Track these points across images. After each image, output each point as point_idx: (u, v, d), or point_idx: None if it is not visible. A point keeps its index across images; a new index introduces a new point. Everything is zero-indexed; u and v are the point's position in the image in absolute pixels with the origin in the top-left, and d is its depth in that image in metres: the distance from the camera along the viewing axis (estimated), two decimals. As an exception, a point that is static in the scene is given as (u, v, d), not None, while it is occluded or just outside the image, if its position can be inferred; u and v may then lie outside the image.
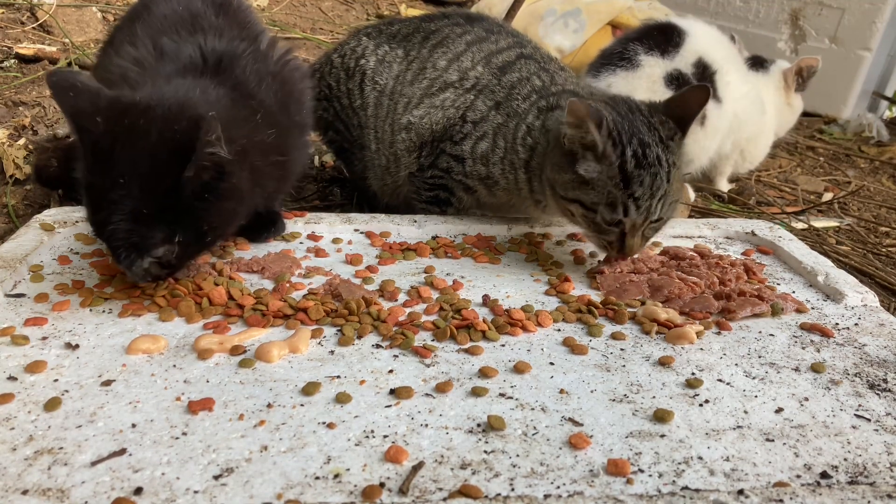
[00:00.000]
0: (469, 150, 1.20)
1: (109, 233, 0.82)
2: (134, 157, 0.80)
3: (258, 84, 0.97)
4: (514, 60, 1.23)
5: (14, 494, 0.58)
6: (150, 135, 0.81)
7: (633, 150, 0.98)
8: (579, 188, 1.01)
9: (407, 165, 1.29)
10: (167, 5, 1.04)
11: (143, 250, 0.83)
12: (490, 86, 1.21)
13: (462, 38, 1.27)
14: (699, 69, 1.69)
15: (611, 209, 1.00)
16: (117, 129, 0.81)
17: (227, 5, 1.08)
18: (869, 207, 1.91)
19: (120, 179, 0.80)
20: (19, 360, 0.76)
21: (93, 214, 0.83)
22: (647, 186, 0.98)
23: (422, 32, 1.31)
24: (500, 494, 0.61)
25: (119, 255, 0.84)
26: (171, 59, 0.95)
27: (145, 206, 0.81)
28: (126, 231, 0.81)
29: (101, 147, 0.80)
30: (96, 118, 0.80)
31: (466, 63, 1.24)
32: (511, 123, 1.17)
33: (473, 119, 1.20)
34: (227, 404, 0.72)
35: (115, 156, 0.80)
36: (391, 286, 0.99)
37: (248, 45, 1.01)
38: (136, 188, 0.80)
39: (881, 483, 0.66)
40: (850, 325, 0.98)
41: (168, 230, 0.83)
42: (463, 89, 1.23)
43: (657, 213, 1.01)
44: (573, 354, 0.86)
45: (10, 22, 1.99)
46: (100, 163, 0.81)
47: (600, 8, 2.53)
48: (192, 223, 0.85)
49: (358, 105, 1.33)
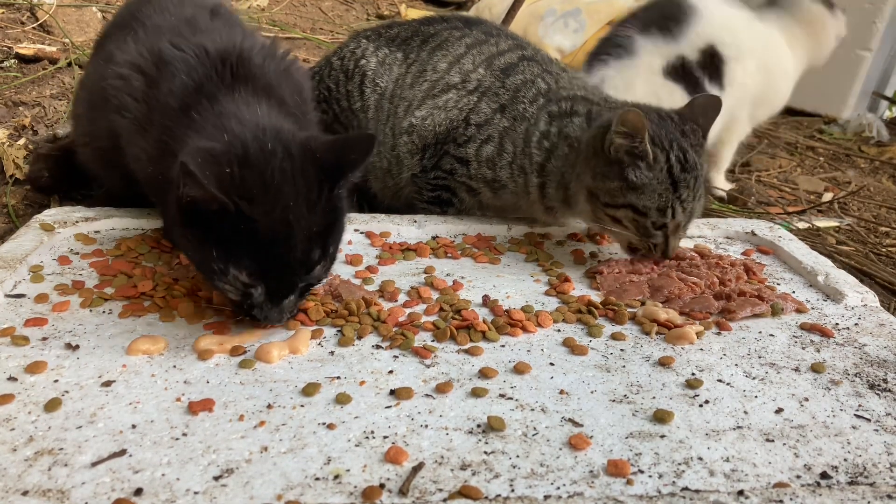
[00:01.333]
0: (474, 153, 1.20)
1: (294, 258, 0.78)
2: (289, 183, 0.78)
3: (279, 85, 0.97)
4: (516, 62, 1.23)
5: (14, 495, 0.58)
6: (292, 159, 0.79)
7: (675, 155, 1.02)
8: (630, 193, 1.04)
9: (409, 167, 1.29)
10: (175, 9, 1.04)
11: (309, 268, 0.81)
12: (493, 88, 1.21)
13: (461, 41, 1.28)
14: (706, 56, 1.59)
15: (661, 213, 1.03)
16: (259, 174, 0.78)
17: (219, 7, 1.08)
18: (869, 207, 1.91)
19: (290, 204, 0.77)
20: (19, 361, 0.76)
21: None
22: (692, 189, 1.03)
23: (421, 36, 1.32)
24: (500, 495, 0.61)
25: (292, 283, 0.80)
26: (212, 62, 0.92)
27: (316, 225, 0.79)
28: (303, 252, 0.79)
29: (251, 191, 0.76)
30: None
31: (468, 65, 1.25)
32: (519, 127, 1.17)
33: (477, 122, 1.20)
34: (228, 405, 0.72)
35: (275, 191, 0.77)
36: (391, 287, 0.99)
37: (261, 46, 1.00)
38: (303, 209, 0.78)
39: (881, 483, 0.66)
40: (850, 325, 0.98)
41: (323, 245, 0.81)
42: (465, 91, 1.23)
43: (697, 213, 1.07)
44: (573, 355, 0.86)
45: (10, 22, 1.99)
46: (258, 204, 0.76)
47: (600, 8, 2.53)
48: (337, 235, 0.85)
49: (358, 107, 1.33)
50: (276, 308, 0.80)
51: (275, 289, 0.79)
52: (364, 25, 2.80)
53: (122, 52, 0.97)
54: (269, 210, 0.75)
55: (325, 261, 0.82)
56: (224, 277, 0.78)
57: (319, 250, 0.80)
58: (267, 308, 0.80)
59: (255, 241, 0.76)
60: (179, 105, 0.88)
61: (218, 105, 0.86)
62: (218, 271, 0.77)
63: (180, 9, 1.05)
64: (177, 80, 0.89)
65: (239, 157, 0.77)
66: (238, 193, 0.74)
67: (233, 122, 0.83)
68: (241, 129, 0.81)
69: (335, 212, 0.82)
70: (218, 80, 0.89)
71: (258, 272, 0.77)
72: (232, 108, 0.86)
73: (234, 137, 0.80)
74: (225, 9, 1.12)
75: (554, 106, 1.16)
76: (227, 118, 0.84)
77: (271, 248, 0.76)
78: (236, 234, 0.75)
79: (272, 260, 0.77)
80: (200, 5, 1.08)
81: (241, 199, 0.74)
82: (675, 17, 1.63)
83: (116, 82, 0.95)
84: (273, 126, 0.82)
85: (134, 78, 0.93)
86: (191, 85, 0.89)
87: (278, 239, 0.76)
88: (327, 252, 0.82)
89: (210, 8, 1.08)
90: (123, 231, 1.11)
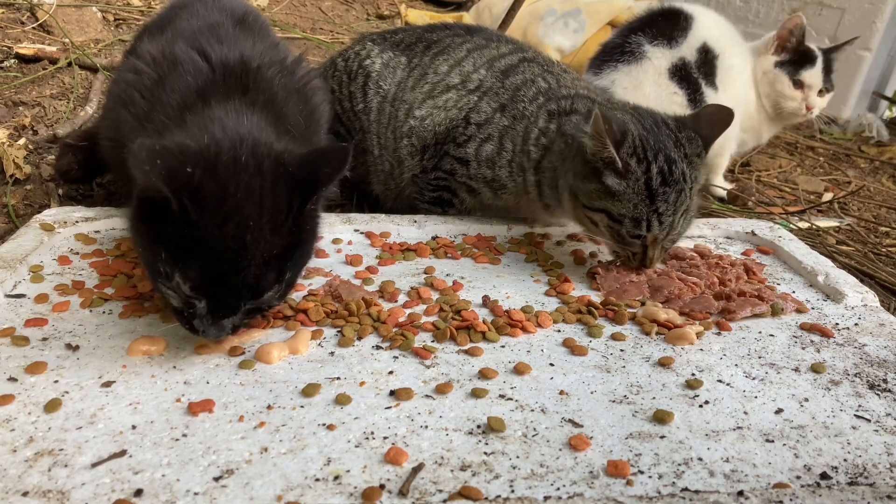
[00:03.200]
0: (473, 153, 1.20)
1: (243, 281, 0.74)
2: (254, 201, 0.74)
3: (285, 102, 0.95)
4: (516, 64, 1.24)
5: (14, 496, 0.58)
6: (262, 176, 0.75)
7: (658, 166, 0.98)
8: (606, 198, 1.01)
9: (410, 168, 1.29)
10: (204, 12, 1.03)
11: (258, 293, 0.76)
12: (494, 88, 1.21)
13: (463, 46, 1.29)
14: (702, 54, 1.67)
15: (635, 223, 0.99)
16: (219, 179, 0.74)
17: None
18: (869, 207, 1.91)
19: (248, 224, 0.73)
20: (20, 361, 0.76)
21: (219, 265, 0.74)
22: (672, 203, 0.98)
23: (424, 42, 1.33)
24: (499, 496, 0.61)
25: (227, 306, 0.76)
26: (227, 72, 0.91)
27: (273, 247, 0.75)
28: (255, 276, 0.75)
29: (205, 198, 0.73)
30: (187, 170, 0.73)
31: (468, 67, 1.25)
32: (519, 126, 1.17)
33: (477, 121, 1.20)
34: (227, 406, 0.72)
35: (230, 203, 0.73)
36: (391, 287, 0.99)
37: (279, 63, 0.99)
38: (265, 231, 0.74)
39: (881, 484, 0.66)
40: (850, 325, 0.98)
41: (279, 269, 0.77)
42: (466, 90, 1.23)
43: (678, 228, 1.02)
44: (573, 355, 0.86)
45: (10, 22, 1.99)
46: (210, 214, 0.72)
47: (600, 8, 2.53)
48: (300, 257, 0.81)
49: (360, 109, 1.33)
50: (215, 325, 0.76)
51: (216, 306, 0.76)
52: (364, 25, 2.80)
53: (145, 48, 0.98)
54: (220, 223, 0.72)
55: (280, 286, 0.78)
56: (168, 283, 0.74)
57: (274, 275, 0.76)
58: (206, 323, 0.76)
59: (203, 253, 0.72)
60: (178, 105, 0.87)
61: (209, 110, 0.85)
62: (163, 274, 0.74)
63: (208, 14, 1.04)
64: (181, 82, 0.89)
65: (207, 161, 0.74)
66: (190, 195, 0.71)
67: (216, 127, 0.80)
68: (221, 136, 0.78)
69: (301, 233, 0.79)
70: (219, 87, 0.89)
71: (202, 286, 0.74)
72: (220, 114, 0.84)
73: (213, 142, 0.77)
74: (254, 18, 1.10)
75: (554, 104, 1.15)
76: (212, 122, 0.82)
77: (218, 265, 0.73)
78: (184, 239, 0.72)
79: (218, 277, 0.74)
80: (229, 13, 1.07)
81: (192, 202, 0.71)
82: (678, 25, 1.72)
83: (130, 76, 0.95)
84: (253, 138, 0.79)
85: (146, 74, 0.93)
86: (193, 87, 0.88)
87: (227, 257, 0.73)
88: (282, 278, 0.78)
89: (239, 16, 1.07)
90: (123, 231, 1.11)
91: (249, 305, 0.77)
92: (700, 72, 1.69)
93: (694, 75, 1.69)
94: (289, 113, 0.94)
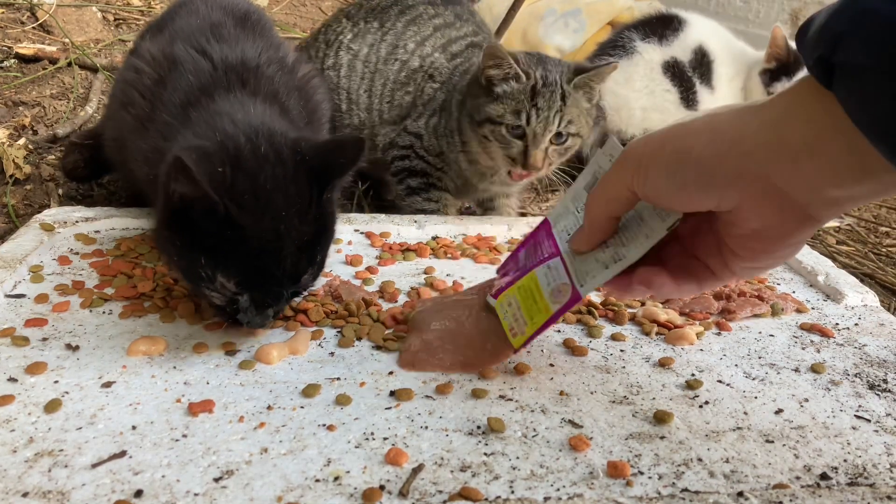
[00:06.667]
0: (423, 125, 1.33)
1: (282, 270, 0.76)
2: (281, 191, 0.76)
3: (286, 97, 0.96)
4: (464, 49, 1.37)
5: (14, 497, 0.58)
6: (284, 164, 0.76)
7: (540, 74, 1.17)
8: (489, 105, 1.18)
9: (383, 136, 1.39)
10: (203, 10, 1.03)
11: (296, 279, 0.79)
12: (441, 69, 1.36)
13: (431, 22, 1.40)
14: (697, 55, 1.75)
15: (515, 116, 1.16)
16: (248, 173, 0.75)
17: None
18: (869, 207, 1.91)
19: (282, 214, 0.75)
20: (19, 362, 0.76)
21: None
22: (547, 100, 1.16)
23: (399, 6, 1.43)
24: (499, 497, 0.61)
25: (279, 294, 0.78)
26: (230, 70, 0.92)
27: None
28: (292, 264, 0.77)
29: (242, 195, 0.74)
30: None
31: (427, 49, 1.37)
32: (452, 98, 1.31)
33: (423, 101, 1.34)
34: (228, 406, 0.72)
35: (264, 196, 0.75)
36: (391, 287, 0.99)
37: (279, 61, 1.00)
38: (294, 219, 0.76)
39: (881, 484, 0.66)
40: (850, 325, 0.98)
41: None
42: (422, 73, 1.36)
43: (555, 127, 1.17)
44: (573, 356, 0.86)
45: (10, 22, 1.99)
46: (248, 211, 0.74)
47: (600, 8, 2.52)
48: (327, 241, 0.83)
49: (329, 65, 1.41)
50: (260, 315, 0.79)
51: (261, 297, 0.78)
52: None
53: (145, 48, 0.98)
54: (258, 218, 0.73)
55: (313, 268, 0.81)
56: (211, 285, 0.76)
57: (308, 260, 0.79)
58: (251, 314, 0.78)
59: (243, 250, 0.74)
60: (181, 103, 0.87)
61: (213, 104, 0.85)
62: (205, 278, 0.75)
63: (209, 13, 1.04)
64: (182, 81, 0.89)
65: (231, 157, 0.75)
66: (229, 196, 0.72)
67: (225, 121, 0.81)
68: (233, 130, 0.79)
69: (325, 217, 0.80)
70: (221, 83, 0.89)
71: (245, 281, 0.76)
72: (226, 107, 0.84)
73: (227, 137, 0.77)
74: (257, 17, 1.10)
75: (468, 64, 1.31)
76: (220, 117, 0.82)
77: (259, 259, 0.74)
78: (224, 240, 0.73)
79: (260, 270, 0.75)
80: (230, 12, 1.07)
81: (232, 202, 0.72)
82: (670, 26, 1.81)
83: (130, 75, 0.95)
84: (267, 128, 0.80)
85: (146, 74, 0.93)
86: (194, 86, 0.88)
87: (267, 249, 0.74)
88: (315, 261, 0.80)
89: (240, 15, 1.07)
90: (123, 231, 1.11)
91: (290, 291, 0.80)
92: (696, 72, 1.79)
93: (688, 74, 1.78)
94: (291, 109, 0.95)
